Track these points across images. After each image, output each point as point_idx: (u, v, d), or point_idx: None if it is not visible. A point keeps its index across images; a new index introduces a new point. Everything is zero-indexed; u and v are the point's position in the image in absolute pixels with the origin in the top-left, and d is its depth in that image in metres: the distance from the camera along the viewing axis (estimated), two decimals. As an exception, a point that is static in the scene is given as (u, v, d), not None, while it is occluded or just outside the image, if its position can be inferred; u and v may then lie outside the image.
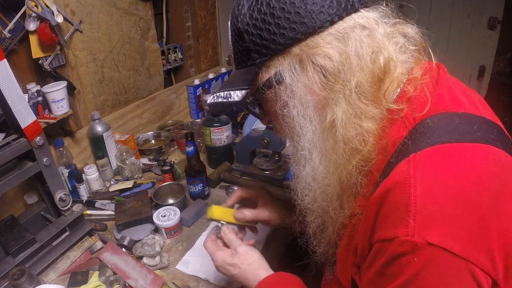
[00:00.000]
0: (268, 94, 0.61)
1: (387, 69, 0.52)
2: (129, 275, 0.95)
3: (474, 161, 0.44)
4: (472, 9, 2.18)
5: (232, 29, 0.61)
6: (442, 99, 0.52)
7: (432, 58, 0.56)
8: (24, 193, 1.18)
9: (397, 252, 0.43)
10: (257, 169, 1.41)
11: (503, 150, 0.47)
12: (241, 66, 0.62)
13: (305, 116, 0.58)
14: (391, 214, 0.45)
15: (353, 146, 0.52)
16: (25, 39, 1.19)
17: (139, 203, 1.16)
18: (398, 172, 0.46)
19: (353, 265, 0.55)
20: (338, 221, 0.58)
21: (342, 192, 0.56)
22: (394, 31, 0.55)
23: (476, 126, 0.48)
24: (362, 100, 0.52)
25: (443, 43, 2.34)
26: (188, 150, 1.20)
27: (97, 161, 1.36)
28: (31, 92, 1.20)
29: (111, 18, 1.46)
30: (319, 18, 0.52)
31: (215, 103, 0.66)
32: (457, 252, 0.40)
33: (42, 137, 0.89)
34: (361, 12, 0.55)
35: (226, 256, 0.76)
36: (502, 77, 2.98)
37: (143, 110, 1.70)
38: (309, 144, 0.58)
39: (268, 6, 0.54)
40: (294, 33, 0.53)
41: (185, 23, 1.90)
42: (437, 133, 0.47)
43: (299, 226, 0.70)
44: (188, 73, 2.00)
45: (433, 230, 0.41)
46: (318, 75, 0.55)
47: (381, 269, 0.46)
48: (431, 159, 0.45)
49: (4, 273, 0.88)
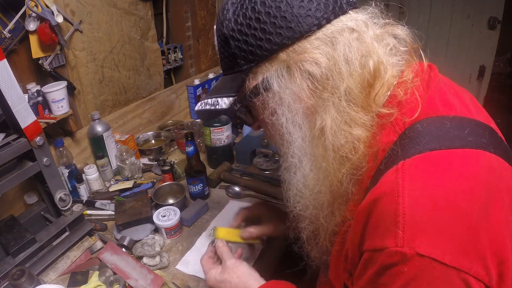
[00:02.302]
0: (256, 102, 0.59)
1: (377, 73, 0.51)
2: (129, 275, 0.95)
3: (464, 169, 0.43)
4: (472, 9, 2.18)
5: (218, 34, 0.59)
6: (432, 103, 0.51)
7: (423, 59, 0.55)
8: (24, 193, 1.18)
9: (387, 262, 0.42)
10: (257, 169, 1.41)
11: (494, 154, 0.46)
12: (228, 72, 0.61)
13: (294, 123, 0.56)
14: (379, 224, 0.44)
15: (343, 154, 0.51)
16: (25, 39, 1.19)
17: (139, 203, 1.16)
18: (387, 182, 0.45)
19: (345, 271, 0.55)
20: (329, 228, 0.57)
21: (333, 200, 0.55)
22: (384, 32, 0.53)
23: (467, 130, 0.47)
24: (351, 107, 0.50)
25: (443, 43, 2.34)
26: (188, 150, 1.20)
27: (97, 161, 1.36)
28: (31, 92, 1.20)
29: (111, 18, 1.46)
30: (306, 22, 0.51)
31: (203, 110, 0.64)
32: (447, 262, 0.39)
33: (42, 137, 0.89)
34: (349, 14, 0.53)
35: (217, 274, 0.76)
36: (502, 77, 2.99)
37: (143, 110, 1.70)
38: (299, 151, 0.57)
39: (253, 11, 0.52)
40: (281, 39, 0.52)
41: (185, 23, 1.90)
42: (427, 139, 0.46)
43: (293, 232, 0.70)
44: (188, 73, 2.00)
45: (422, 241, 0.40)
46: (306, 82, 0.53)
47: (372, 278, 0.45)
48: (420, 167, 0.44)
49: (4, 273, 0.88)
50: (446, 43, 2.31)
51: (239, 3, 0.55)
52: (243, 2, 0.54)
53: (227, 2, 0.58)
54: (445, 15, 2.27)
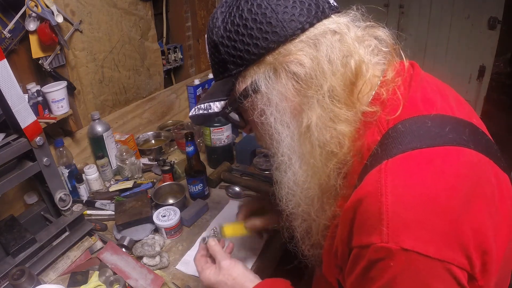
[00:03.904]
0: (246, 104, 0.62)
1: (359, 72, 0.53)
2: (129, 275, 0.95)
3: (445, 166, 0.45)
4: (472, 9, 2.18)
5: (208, 41, 0.62)
6: (414, 102, 0.53)
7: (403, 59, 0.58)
8: (24, 193, 1.18)
9: (374, 257, 0.45)
10: (257, 169, 1.41)
11: (474, 150, 0.48)
12: (219, 78, 0.64)
13: (282, 122, 0.59)
14: (365, 222, 0.46)
15: (329, 149, 0.53)
16: (25, 39, 1.19)
17: (139, 203, 1.16)
18: (370, 181, 0.47)
19: (336, 266, 0.56)
20: (321, 223, 0.59)
21: (322, 194, 0.57)
22: (365, 34, 0.56)
23: (448, 128, 0.49)
24: (335, 104, 0.53)
25: (443, 44, 2.34)
26: (188, 150, 1.20)
27: (97, 161, 1.36)
28: (31, 92, 1.20)
29: (111, 18, 1.46)
30: (290, 26, 0.54)
31: (196, 115, 0.68)
32: (432, 254, 0.41)
33: (42, 137, 0.89)
34: (332, 17, 0.56)
35: (211, 275, 0.76)
36: (502, 77, 2.99)
37: (143, 110, 1.70)
38: (288, 149, 0.59)
39: (241, 18, 0.55)
40: (267, 43, 0.55)
41: (185, 23, 1.90)
42: (409, 138, 0.48)
43: (287, 231, 0.71)
44: (188, 73, 2.01)
45: (406, 236, 0.42)
46: (291, 82, 0.56)
47: (361, 272, 0.47)
48: (402, 166, 0.46)
49: (4, 273, 0.88)
50: (446, 43, 2.31)
51: (228, 12, 0.58)
52: (231, 11, 0.58)
53: (216, 11, 0.61)
54: (445, 15, 2.28)
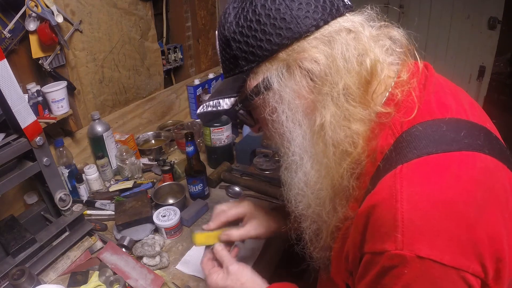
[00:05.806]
0: (257, 101, 0.60)
1: (374, 71, 0.52)
2: (129, 275, 0.95)
3: (461, 172, 0.44)
4: (472, 9, 2.18)
5: (220, 37, 0.61)
6: (429, 105, 0.52)
7: (418, 60, 0.57)
8: (24, 193, 1.18)
9: (388, 264, 0.44)
10: (257, 169, 1.41)
11: (489, 156, 0.47)
12: (229, 74, 0.62)
13: (295, 121, 0.57)
14: (379, 228, 0.45)
15: (343, 148, 0.52)
16: (25, 39, 1.19)
17: (139, 203, 1.16)
18: (385, 187, 0.46)
19: (346, 271, 0.55)
20: (332, 224, 0.58)
21: (334, 195, 0.56)
22: (380, 33, 0.55)
23: (463, 133, 0.48)
24: (350, 102, 0.52)
25: (443, 44, 2.34)
26: (188, 150, 1.20)
27: (97, 161, 1.36)
28: (31, 92, 1.20)
29: (111, 18, 1.46)
30: (304, 23, 0.53)
31: (205, 112, 0.65)
32: (447, 262, 0.41)
33: (42, 137, 0.89)
34: (346, 16, 0.55)
35: (219, 280, 0.75)
36: (502, 77, 2.99)
37: (143, 110, 1.70)
38: (300, 149, 0.58)
39: (254, 13, 0.54)
40: (280, 39, 0.53)
41: (185, 23, 1.90)
42: (424, 143, 0.47)
43: (295, 233, 0.70)
44: (188, 73, 2.01)
45: (422, 244, 0.41)
46: (306, 79, 0.55)
47: (374, 279, 0.46)
48: (418, 172, 0.45)
49: (4, 273, 0.88)
50: (446, 43, 2.31)
51: (240, 7, 0.57)
52: (244, 6, 0.56)
53: (228, 6, 0.59)
54: (445, 15, 2.28)
